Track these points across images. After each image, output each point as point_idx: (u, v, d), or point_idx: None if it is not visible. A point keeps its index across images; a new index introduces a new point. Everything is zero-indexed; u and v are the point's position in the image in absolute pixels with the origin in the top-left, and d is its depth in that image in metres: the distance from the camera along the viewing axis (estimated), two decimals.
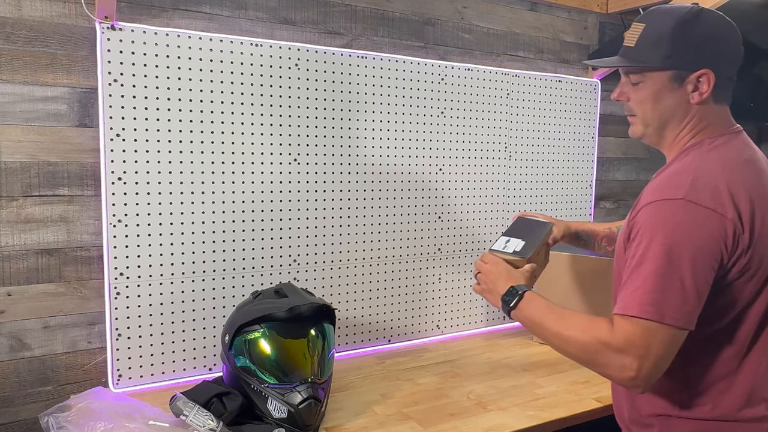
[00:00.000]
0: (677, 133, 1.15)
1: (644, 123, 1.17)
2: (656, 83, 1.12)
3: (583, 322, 1.09)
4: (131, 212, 1.55)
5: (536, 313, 1.16)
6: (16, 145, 1.47)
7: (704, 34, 1.08)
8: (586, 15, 2.40)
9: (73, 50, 1.51)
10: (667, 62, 1.09)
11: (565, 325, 1.10)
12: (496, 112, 2.13)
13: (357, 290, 1.92)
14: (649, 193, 1.06)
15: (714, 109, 1.13)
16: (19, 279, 1.49)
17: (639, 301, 1.00)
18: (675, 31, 1.07)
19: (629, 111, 1.19)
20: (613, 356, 1.01)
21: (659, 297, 0.98)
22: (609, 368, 1.03)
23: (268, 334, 1.39)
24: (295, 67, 1.75)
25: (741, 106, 2.77)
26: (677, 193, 1.01)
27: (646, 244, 1.01)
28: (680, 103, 1.12)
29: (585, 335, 1.06)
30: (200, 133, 1.63)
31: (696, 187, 1.02)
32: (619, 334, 1.01)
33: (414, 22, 1.99)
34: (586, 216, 2.42)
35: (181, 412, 1.27)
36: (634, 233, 1.05)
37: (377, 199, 1.92)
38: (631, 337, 0.99)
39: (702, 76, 1.08)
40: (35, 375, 1.53)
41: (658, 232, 1.01)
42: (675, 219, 1.00)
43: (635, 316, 0.99)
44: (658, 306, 0.98)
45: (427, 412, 1.48)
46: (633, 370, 1.00)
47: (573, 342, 1.08)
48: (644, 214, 1.04)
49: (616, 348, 1.01)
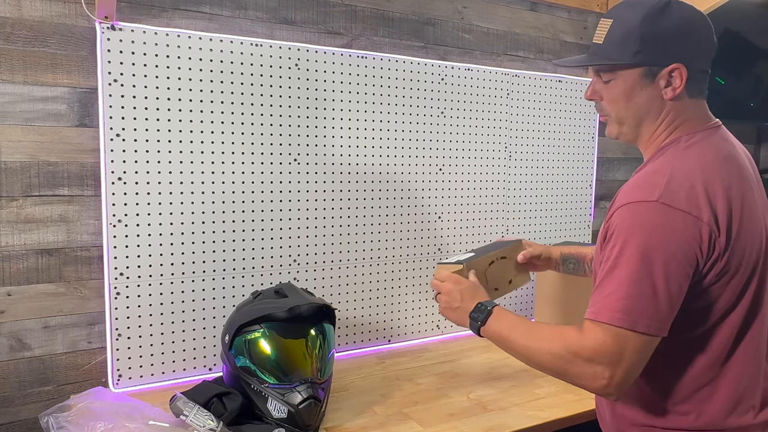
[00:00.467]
0: (653, 131, 1.11)
1: (618, 122, 1.13)
2: (627, 80, 1.08)
3: (551, 332, 1.08)
4: (131, 212, 1.55)
5: (505, 327, 1.14)
6: (16, 145, 1.47)
7: (673, 27, 1.04)
8: (586, 15, 2.40)
9: (73, 50, 1.51)
10: (636, 58, 1.05)
11: (533, 337, 1.09)
12: (496, 112, 2.13)
13: (357, 290, 1.92)
14: (623, 194, 1.04)
15: (689, 104, 1.09)
16: (19, 279, 1.50)
17: (611, 308, 0.98)
18: (643, 25, 1.04)
19: (602, 111, 1.16)
20: (584, 365, 1.00)
21: (631, 304, 0.96)
22: (581, 378, 1.02)
23: (268, 334, 1.39)
24: (295, 67, 1.75)
25: (741, 106, 2.78)
26: (651, 195, 0.98)
27: (620, 248, 0.99)
28: (653, 99, 1.08)
29: (554, 345, 1.04)
30: (200, 133, 1.63)
31: (670, 188, 0.99)
32: (589, 341, 0.99)
33: (414, 22, 2.00)
34: (586, 216, 2.42)
35: (181, 412, 1.27)
36: (609, 234, 1.03)
37: (377, 199, 1.92)
38: (602, 345, 0.98)
39: (674, 71, 1.05)
40: (35, 375, 1.53)
41: (632, 236, 0.98)
42: (649, 222, 0.98)
43: (606, 322, 0.98)
44: (630, 313, 0.96)
45: (427, 412, 1.48)
46: (605, 378, 0.98)
47: (543, 353, 1.06)
48: (619, 216, 1.01)
49: (586, 357, 0.99)
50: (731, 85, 2.59)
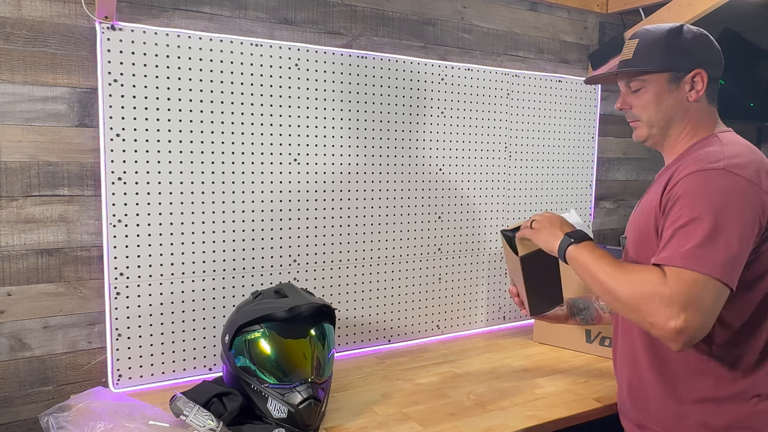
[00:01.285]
0: (680, 132, 1.24)
1: (649, 125, 1.26)
2: (656, 86, 1.22)
3: (636, 269, 1.11)
4: (131, 212, 1.55)
5: (594, 254, 1.17)
6: (16, 145, 1.47)
7: (692, 39, 1.22)
8: (586, 15, 2.40)
9: (73, 50, 1.51)
10: (664, 64, 1.21)
11: (618, 270, 1.11)
12: (496, 112, 2.13)
13: (357, 290, 1.92)
14: (684, 167, 1.12)
15: (708, 109, 1.24)
16: (19, 279, 1.50)
17: (688, 255, 1.03)
18: (667, 38, 1.21)
19: (632, 117, 1.28)
20: (660, 304, 1.02)
21: (708, 252, 1.02)
22: (654, 316, 1.03)
23: (268, 334, 1.39)
24: (295, 67, 1.75)
25: (741, 106, 2.79)
26: (717, 164, 1.09)
27: (691, 208, 1.06)
28: (680, 102, 1.23)
29: (636, 280, 1.07)
30: (200, 133, 1.63)
31: (732, 160, 1.09)
32: (671, 283, 1.03)
33: (414, 22, 2.00)
34: (586, 216, 2.42)
35: (181, 412, 1.27)
36: (672, 202, 1.10)
37: (377, 199, 1.92)
38: (684, 286, 1.02)
39: (696, 75, 1.21)
40: (35, 375, 1.53)
41: (702, 198, 1.06)
42: (719, 186, 1.07)
43: (685, 267, 1.02)
44: (707, 260, 1.02)
45: (427, 412, 1.48)
46: (679, 320, 1.01)
47: (623, 285, 1.08)
48: (686, 183, 1.09)
49: (666, 296, 1.02)
50: (731, 85, 2.59)
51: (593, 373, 1.74)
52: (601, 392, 1.60)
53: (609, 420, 1.43)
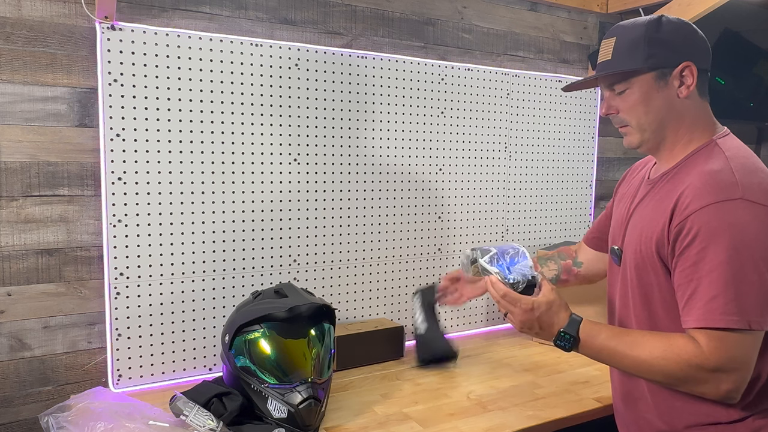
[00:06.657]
0: (676, 134, 1.14)
1: (640, 129, 1.15)
2: (643, 86, 1.12)
3: (660, 343, 1.05)
4: (131, 212, 1.55)
5: (600, 346, 1.11)
6: (16, 145, 1.47)
7: (674, 31, 1.11)
8: (586, 15, 2.40)
9: (73, 50, 1.51)
10: (649, 62, 1.10)
11: (641, 350, 1.06)
12: (496, 112, 2.13)
13: (357, 290, 1.92)
14: (696, 196, 1.03)
15: (701, 105, 1.14)
16: (19, 279, 1.50)
17: (722, 311, 0.97)
18: (647, 33, 1.10)
19: (620, 122, 1.18)
20: (708, 375, 1.00)
21: (741, 304, 0.97)
22: (703, 387, 1.02)
23: (268, 334, 1.39)
24: (295, 67, 1.75)
25: (741, 106, 2.78)
26: (733, 193, 1.00)
27: (713, 250, 0.99)
28: (670, 100, 1.12)
29: (669, 360, 1.03)
30: (200, 133, 1.63)
31: (747, 184, 1.01)
32: (711, 351, 0.99)
33: (414, 22, 2.00)
34: (586, 216, 2.42)
35: (181, 412, 1.27)
36: (686, 239, 1.02)
37: (377, 199, 1.92)
38: (725, 352, 0.98)
39: (685, 69, 1.10)
40: (35, 375, 1.53)
41: (722, 236, 0.99)
42: (739, 221, 0.99)
43: (723, 328, 0.98)
44: (743, 314, 0.97)
45: (427, 412, 1.48)
46: (731, 383, 0.99)
47: (656, 368, 1.04)
48: (701, 217, 1.01)
49: (711, 368, 0.99)
50: (731, 85, 2.59)
51: (593, 373, 1.74)
52: (601, 392, 1.60)
53: (609, 420, 1.43)
